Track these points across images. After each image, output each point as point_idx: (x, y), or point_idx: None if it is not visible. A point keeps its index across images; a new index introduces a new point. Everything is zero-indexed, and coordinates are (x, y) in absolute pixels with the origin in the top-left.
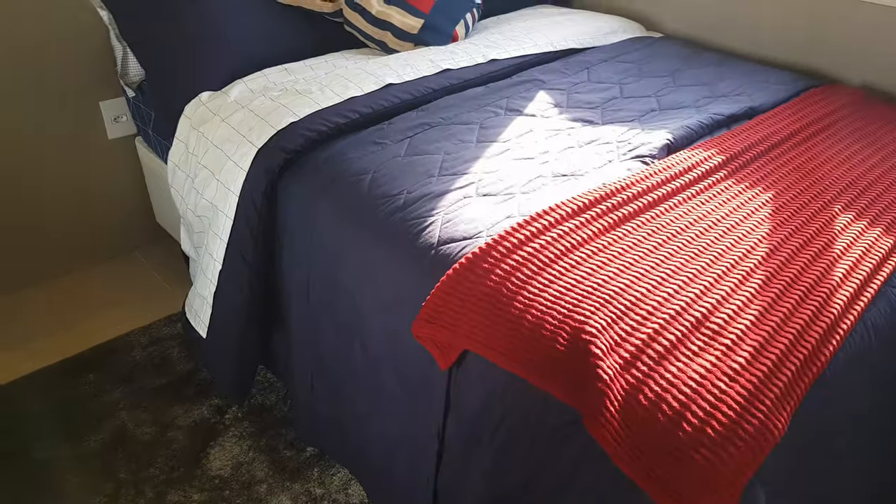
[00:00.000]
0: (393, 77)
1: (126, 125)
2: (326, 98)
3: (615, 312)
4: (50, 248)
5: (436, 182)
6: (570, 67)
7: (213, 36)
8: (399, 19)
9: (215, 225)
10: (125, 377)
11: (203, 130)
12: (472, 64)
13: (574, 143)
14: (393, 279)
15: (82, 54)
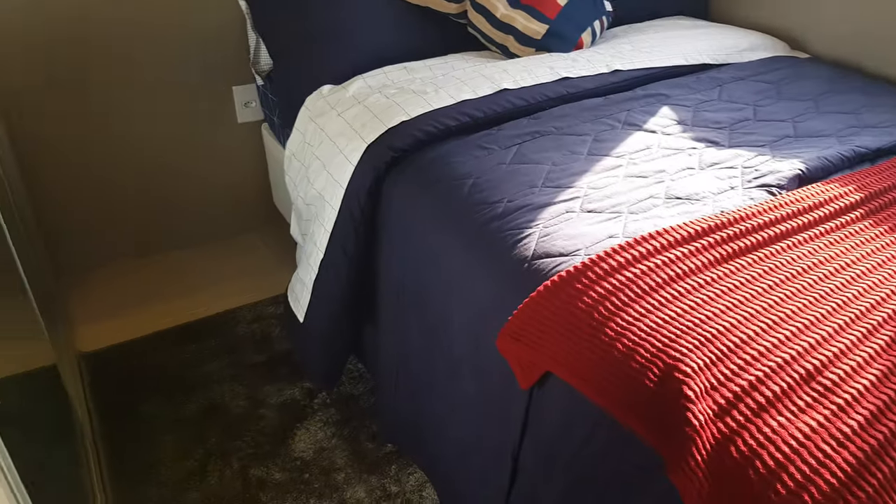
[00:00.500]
0: (509, 82)
1: (254, 111)
2: (440, 99)
3: (715, 353)
4: (175, 220)
5: (538, 193)
6: (700, 83)
7: (338, 32)
8: (523, 24)
9: (321, 215)
10: (228, 350)
11: (320, 123)
12: (594, 73)
13: (694, 165)
14: (482, 288)
15: (223, 40)
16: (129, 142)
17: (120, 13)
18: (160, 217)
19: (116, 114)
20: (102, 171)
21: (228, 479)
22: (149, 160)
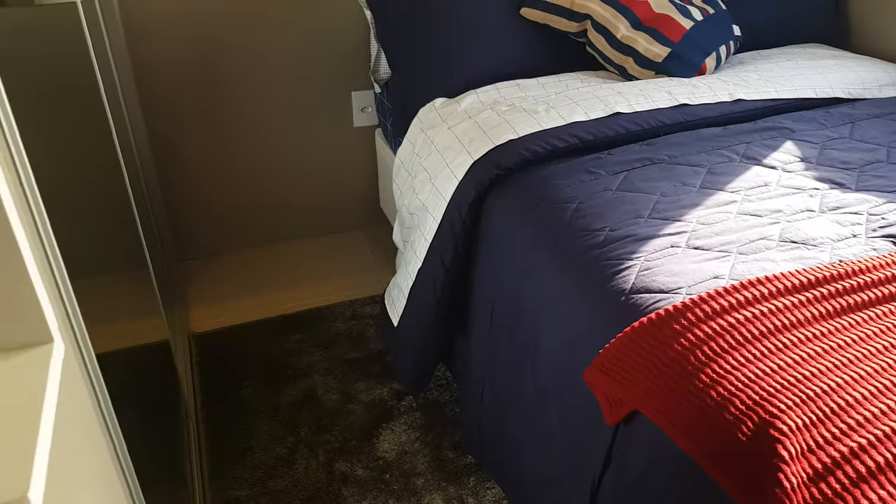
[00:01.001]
0: (623, 106)
1: (370, 116)
2: (550, 119)
3: (816, 414)
4: (287, 214)
5: (643, 224)
6: (830, 119)
7: (455, 47)
8: (644, 46)
9: (423, 225)
10: (325, 343)
11: (430, 135)
12: (714, 101)
13: (815, 207)
14: (576, 317)
15: (346, 47)
16: (253, 138)
17: (253, 19)
18: (275, 210)
19: (244, 111)
20: (227, 164)
21: (314, 471)
22: (270, 156)
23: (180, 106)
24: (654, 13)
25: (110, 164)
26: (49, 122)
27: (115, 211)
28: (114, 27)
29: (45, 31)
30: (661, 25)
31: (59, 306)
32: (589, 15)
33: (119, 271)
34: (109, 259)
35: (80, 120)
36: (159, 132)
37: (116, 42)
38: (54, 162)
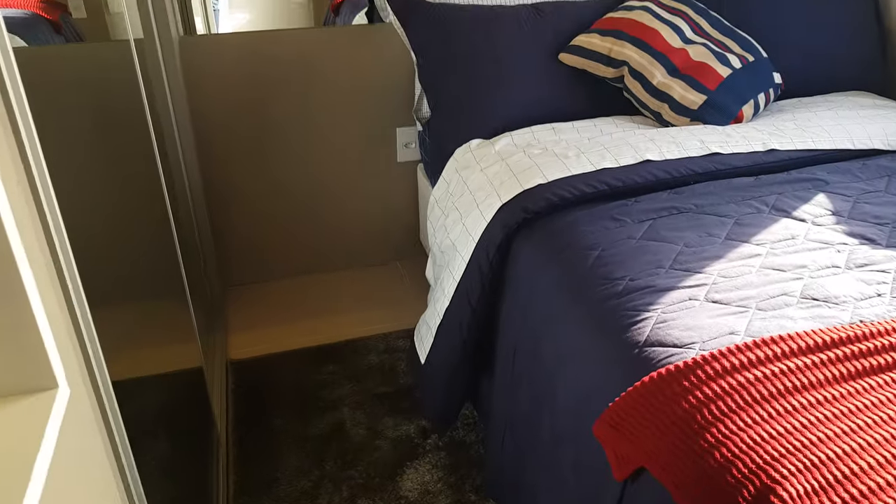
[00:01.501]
0: (654, 153)
1: (412, 152)
2: (580, 164)
3: (820, 481)
4: (329, 244)
5: (663, 275)
6: (866, 171)
7: (494, 91)
8: (680, 93)
9: (452, 264)
10: (357, 376)
11: (464, 175)
12: (747, 151)
13: (841, 264)
14: (590, 368)
15: (393, 84)
16: (300, 170)
17: (305, 59)
18: (319, 240)
19: (292, 144)
20: (275, 194)
21: None
22: (316, 188)
23: (232, 138)
24: (691, 61)
25: (153, 192)
26: (96, 149)
27: (156, 238)
28: (172, 64)
29: (107, 66)
30: (698, 73)
31: (75, 347)
32: (626, 62)
33: (158, 297)
34: (148, 284)
35: (126, 149)
36: (212, 163)
37: (174, 76)
38: (97, 188)
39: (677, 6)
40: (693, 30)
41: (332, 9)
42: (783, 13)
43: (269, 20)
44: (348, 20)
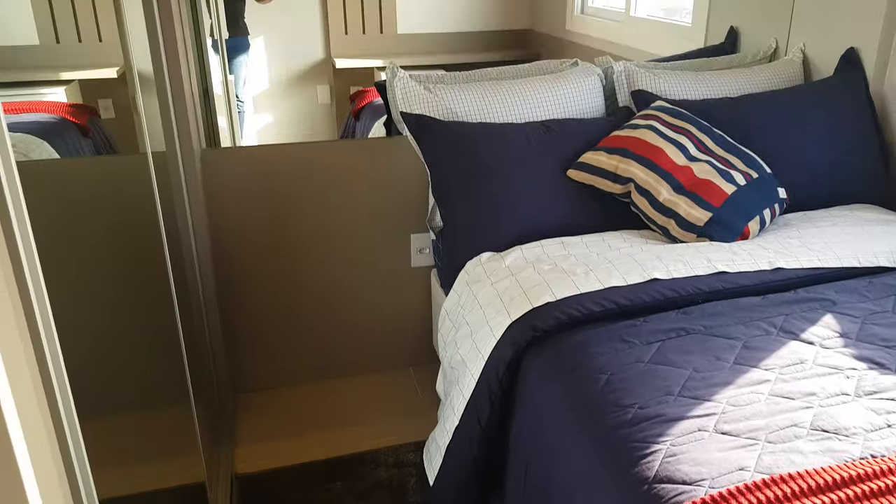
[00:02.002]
0: (661, 272)
1: (426, 257)
2: (588, 282)
3: None
4: (341, 350)
5: (673, 403)
6: (873, 290)
7: (503, 205)
8: (685, 209)
9: (462, 381)
10: (365, 493)
11: (475, 289)
12: (753, 270)
13: (850, 391)
14: (601, 496)
15: (409, 192)
16: (315, 274)
17: (323, 166)
18: (332, 345)
19: (308, 247)
20: (289, 298)
21: None
22: (330, 292)
23: (249, 244)
24: (696, 178)
25: (161, 298)
26: (102, 256)
27: (162, 345)
28: (193, 174)
29: (126, 177)
30: (703, 190)
31: (58, 463)
32: (632, 179)
33: (161, 405)
34: (151, 392)
35: (136, 256)
36: (227, 268)
37: (193, 186)
38: (100, 294)
39: (681, 124)
40: (697, 147)
41: (353, 114)
42: (785, 129)
43: (294, 121)
44: (368, 126)
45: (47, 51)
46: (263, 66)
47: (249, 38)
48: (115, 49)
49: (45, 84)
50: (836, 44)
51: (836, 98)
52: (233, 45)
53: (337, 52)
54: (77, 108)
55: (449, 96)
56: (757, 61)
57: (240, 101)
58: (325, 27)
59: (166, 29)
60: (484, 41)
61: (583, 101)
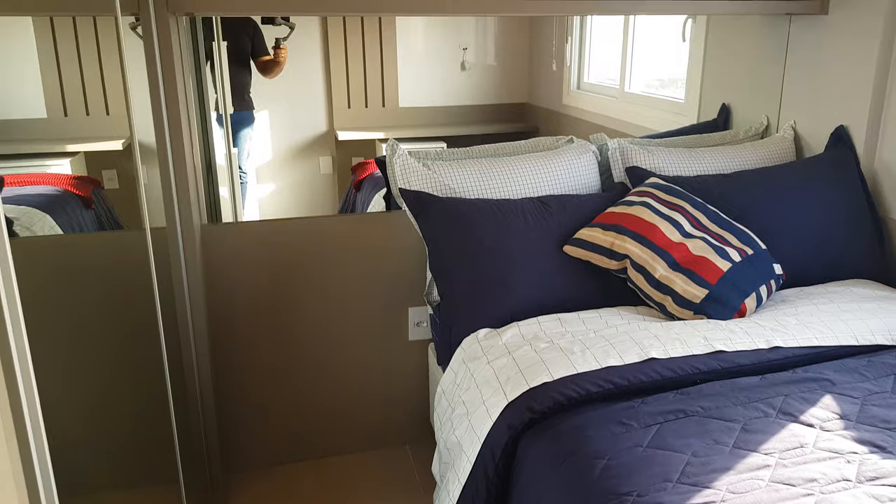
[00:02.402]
0: (659, 350)
1: (424, 331)
2: (585, 362)
3: None
4: (335, 426)
5: (671, 490)
6: (872, 369)
7: (501, 281)
8: (682, 286)
9: (458, 464)
10: None
11: (471, 367)
12: (751, 349)
13: (851, 476)
14: None
15: (407, 265)
16: (311, 347)
17: (326, 240)
18: (326, 422)
19: (305, 321)
20: (285, 374)
21: None
22: (326, 367)
23: (246, 317)
24: (691, 255)
25: (153, 373)
26: (92, 330)
27: (151, 420)
28: (192, 249)
29: (124, 253)
30: (698, 267)
31: None
32: (628, 255)
33: (147, 484)
34: (138, 470)
35: (128, 330)
36: (223, 342)
37: (192, 261)
38: (88, 368)
39: (676, 201)
40: (692, 224)
41: (354, 185)
42: (778, 205)
43: (296, 191)
44: (369, 197)
45: (55, 124)
46: (267, 139)
47: (254, 111)
48: (123, 122)
49: (52, 156)
50: (825, 121)
51: (828, 175)
52: (238, 118)
53: (339, 125)
54: (81, 181)
55: (447, 173)
56: (749, 137)
57: (243, 173)
58: (329, 101)
59: (170, 104)
60: (483, 114)
61: (579, 177)
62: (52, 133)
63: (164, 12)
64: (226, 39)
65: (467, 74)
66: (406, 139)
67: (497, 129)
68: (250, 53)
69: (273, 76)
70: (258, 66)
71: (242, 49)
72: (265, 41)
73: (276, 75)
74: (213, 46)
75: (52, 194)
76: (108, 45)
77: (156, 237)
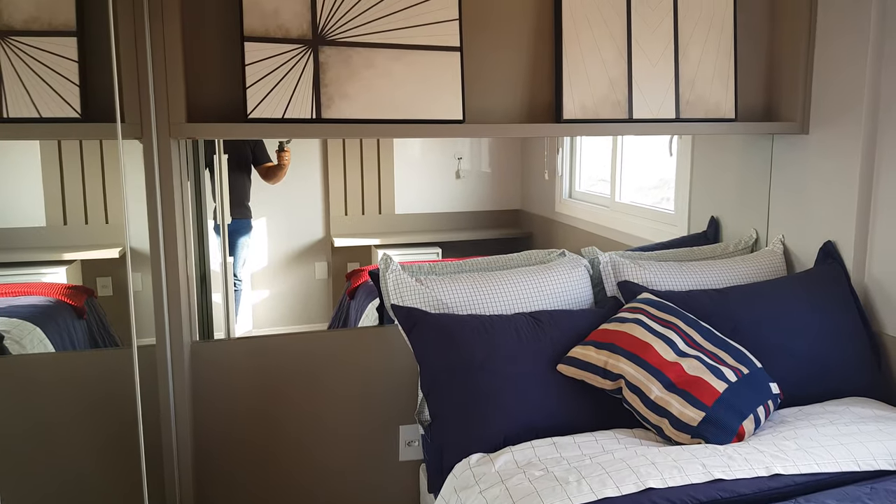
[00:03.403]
0: (656, 480)
1: (415, 450)
2: (581, 493)
3: None
4: None
5: None
6: (875, 497)
7: (494, 403)
8: (678, 409)
9: None
10: None
11: (463, 496)
12: (751, 476)
13: None
14: None
15: (399, 384)
16: (300, 467)
17: (317, 355)
18: None
19: (294, 437)
20: (272, 492)
21: None
22: (314, 488)
23: (232, 432)
24: (686, 375)
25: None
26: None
27: None
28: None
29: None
30: (694, 388)
31: None
32: (622, 375)
33: None
34: None
35: (113, 448)
36: (207, 457)
37: (180, 377)
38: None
39: (669, 318)
40: (686, 342)
41: (348, 293)
42: (772, 322)
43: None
44: (363, 306)
45: (54, 232)
46: (264, 245)
47: (252, 220)
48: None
49: (49, 264)
50: (813, 236)
51: (820, 290)
52: (235, 227)
53: (336, 232)
54: (74, 290)
55: (439, 287)
56: (739, 251)
57: (238, 281)
58: (326, 208)
59: (167, 223)
60: (478, 220)
61: (571, 291)
62: (51, 241)
63: (165, 137)
64: (226, 152)
65: (462, 182)
66: (402, 245)
67: (492, 235)
68: (251, 161)
69: (276, 181)
70: (260, 172)
71: (243, 157)
72: (266, 148)
73: (280, 180)
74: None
75: (45, 305)
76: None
77: (145, 355)
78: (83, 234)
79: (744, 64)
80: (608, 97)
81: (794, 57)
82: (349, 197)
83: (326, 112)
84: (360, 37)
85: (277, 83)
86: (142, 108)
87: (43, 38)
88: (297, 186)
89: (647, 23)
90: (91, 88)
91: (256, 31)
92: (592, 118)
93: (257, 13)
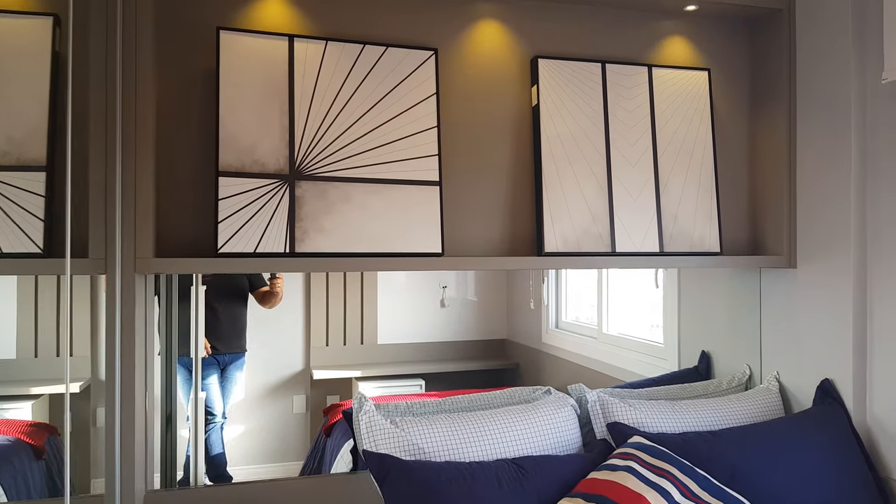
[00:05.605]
0: None
1: None
2: None
3: None
4: None
5: None
6: None
7: None
8: None
9: None
10: None
11: None
12: None
13: None
14: None
15: None
16: None
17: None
18: None
19: None
20: None
21: None
22: None
23: None
24: None
25: None
26: None
27: None
28: None
29: None
30: None
31: None
32: None
33: None
34: None
35: None
36: None
37: None
38: None
39: (662, 465)
40: (682, 492)
41: (324, 430)
42: (771, 468)
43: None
44: (339, 444)
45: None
46: (241, 378)
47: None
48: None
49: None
50: (809, 373)
51: (820, 432)
52: (230, 360)
53: (316, 363)
54: (36, 428)
55: (416, 431)
56: (733, 388)
57: (223, 419)
58: (307, 340)
59: (125, 353)
60: (463, 350)
61: (557, 433)
62: (20, 374)
63: (130, 272)
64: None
65: (447, 311)
66: (383, 377)
67: (477, 366)
68: (248, 288)
69: (271, 306)
70: (256, 297)
71: (239, 286)
72: (262, 274)
73: (275, 305)
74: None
75: (2, 445)
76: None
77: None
78: (54, 367)
79: (726, 199)
80: (590, 230)
81: (777, 195)
82: (331, 327)
83: (301, 246)
84: (338, 171)
85: (251, 217)
86: (107, 244)
87: (11, 174)
88: (277, 317)
89: (627, 158)
90: (56, 223)
91: (232, 165)
92: (574, 251)
93: (233, 148)
